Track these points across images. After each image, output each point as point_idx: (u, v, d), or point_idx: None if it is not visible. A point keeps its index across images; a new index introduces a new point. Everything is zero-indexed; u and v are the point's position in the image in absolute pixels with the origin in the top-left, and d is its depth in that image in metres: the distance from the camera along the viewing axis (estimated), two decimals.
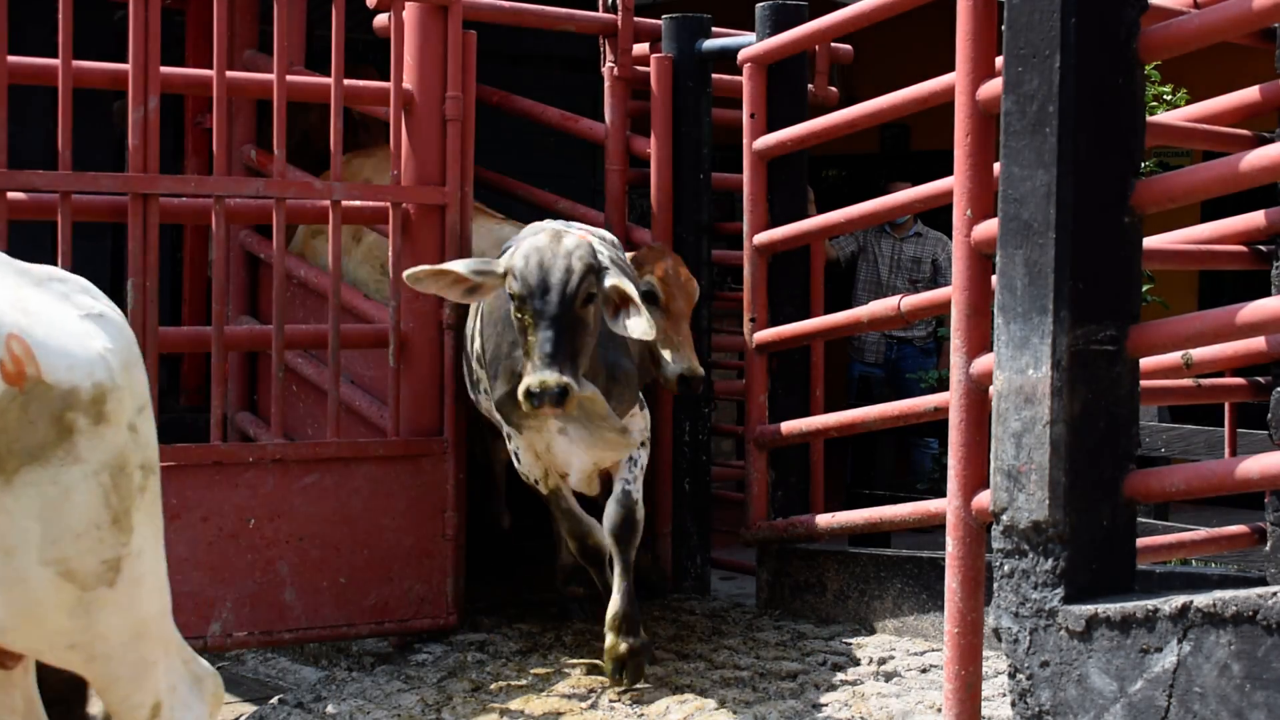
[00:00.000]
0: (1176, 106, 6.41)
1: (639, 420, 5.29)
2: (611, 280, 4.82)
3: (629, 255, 5.62)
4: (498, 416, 5.30)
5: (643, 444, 5.32)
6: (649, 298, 5.49)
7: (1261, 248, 4.96)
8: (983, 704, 3.97)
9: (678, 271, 5.69)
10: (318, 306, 6.17)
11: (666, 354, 5.56)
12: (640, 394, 5.31)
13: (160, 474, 3.24)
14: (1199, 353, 4.95)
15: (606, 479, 5.45)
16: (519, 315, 4.78)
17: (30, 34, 6.08)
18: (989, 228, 3.80)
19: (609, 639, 5.08)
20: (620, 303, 4.83)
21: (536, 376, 4.63)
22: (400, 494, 5.62)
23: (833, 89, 6.68)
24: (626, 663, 5.04)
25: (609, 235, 5.55)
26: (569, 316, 4.72)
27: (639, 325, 4.77)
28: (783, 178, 6.12)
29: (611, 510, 5.20)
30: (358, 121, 7.23)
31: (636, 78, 6.50)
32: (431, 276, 4.90)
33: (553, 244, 4.83)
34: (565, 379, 4.62)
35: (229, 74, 5.47)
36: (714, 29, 6.49)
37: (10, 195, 5.13)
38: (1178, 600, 3.32)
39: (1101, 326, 3.58)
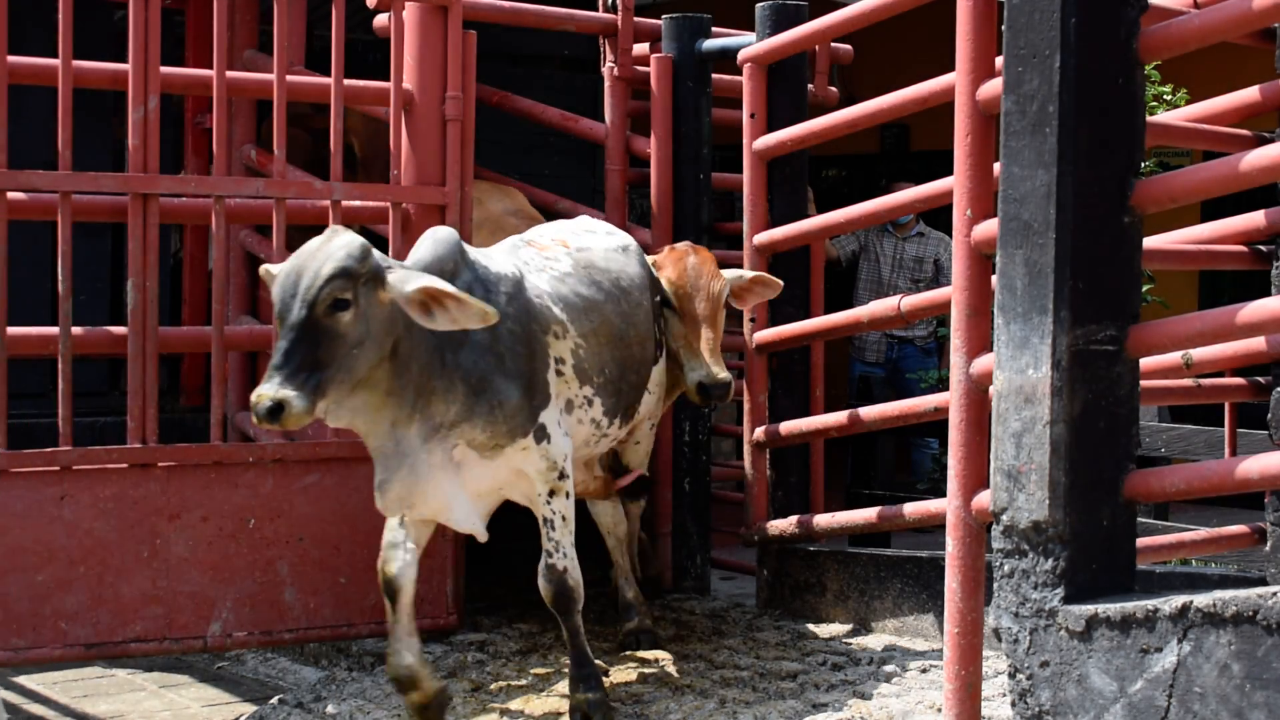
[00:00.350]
0: (1176, 106, 6.41)
1: (534, 456, 4.73)
2: (407, 282, 4.30)
3: (652, 259, 5.55)
4: None
5: (553, 492, 4.79)
6: (667, 303, 5.43)
7: (1261, 248, 4.97)
8: (983, 704, 3.96)
9: (698, 272, 5.44)
10: None
11: (688, 362, 5.39)
12: (553, 423, 4.77)
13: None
14: (1199, 353, 4.95)
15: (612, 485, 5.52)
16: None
17: (31, 34, 6.08)
18: (989, 228, 3.80)
19: (570, 694, 4.92)
20: (431, 302, 4.32)
21: (256, 390, 4.15)
22: None
23: (833, 89, 6.69)
24: (590, 716, 4.85)
25: (617, 233, 5.46)
26: (309, 324, 4.19)
27: (441, 320, 4.31)
28: (783, 178, 6.12)
29: (540, 585, 4.84)
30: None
31: (636, 78, 6.50)
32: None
33: (320, 244, 4.33)
34: (283, 394, 4.08)
35: (229, 74, 5.47)
36: (714, 29, 6.49)
37: (10, 195, 5.13)
38: (1178, 600, 3.31)
39: (1101, 326, 3.58)
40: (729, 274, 5.52)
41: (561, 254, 5.12)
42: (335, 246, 4.30)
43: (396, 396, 4.46)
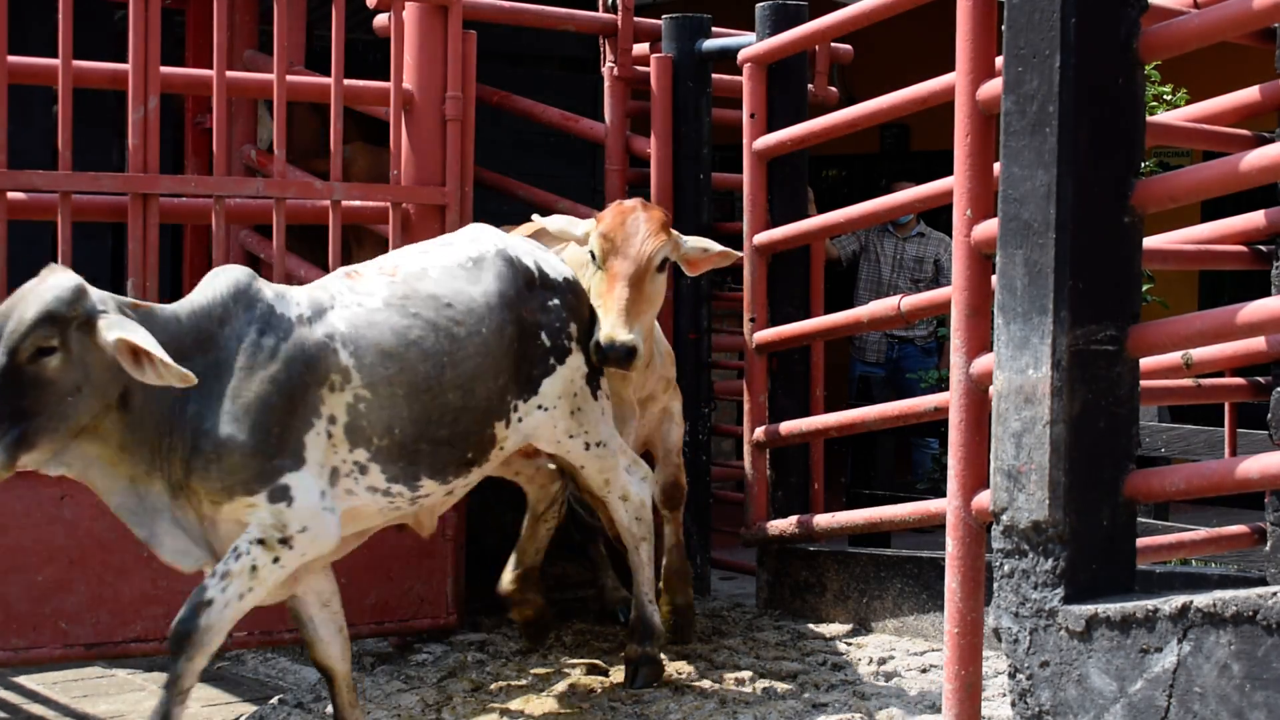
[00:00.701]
0: (1176, 106, 6.41)
1: (262, 513, 4.28)
2: (109, 330, 4.01)
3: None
4: None
5: (264, 542, 4.28)
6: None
7: (1261, 248, 4.96)
8: (983, 704, 3.96)
9: (632, 229, 4.98)
10: None
11: (599, 323, 4.92)
12: (305, 489, 4.32)
13: None
14: (1199, 353, 4.94)
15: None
16: None
17: (32, 35, 6.08)
18: (989, 228, 3.80)
19: None
20: (134, 355, 4.00)
21: None
22: None
23: (833, 89, 6.69)
24: None
25: (482, 240, 4.87)
26: (9, 371, 3.94)
27: (149, 374, 4.01)
28: (783, 178, 6.12)
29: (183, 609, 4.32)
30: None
31: (636, 78, 6.50)
32: None
33: (31, 286, 4.06)
34: None
35: (229, 74, 5.47)
36: (714, 29, 6.49)
37: (10, 195, 5.13)
38: (1178, 600, 3.31)
39: (1101, 326, 3.58)
40: (691, 242, 5.18)
41: (380, 285, 4.60)
42: (45, 289, 4.02)
43: (131, 451, 4.18)
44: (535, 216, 5.29)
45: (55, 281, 4.04)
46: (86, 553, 5.14)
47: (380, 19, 5.95)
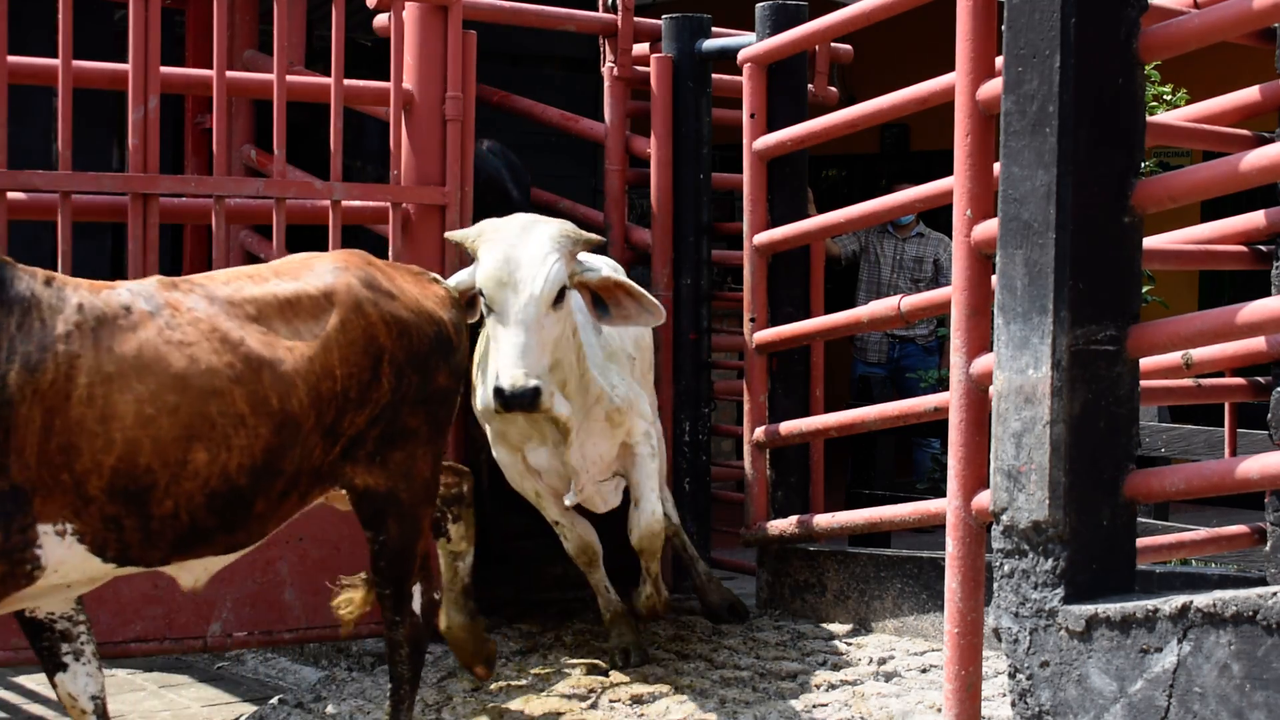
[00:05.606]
0: (1176, 106, 6.41)
1: None
2: None
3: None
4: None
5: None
6: None
7: (1261, 248, 4.96)
8: (983, 704, 3.97)
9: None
10: None
11: None
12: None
13: None
14: (1199, 353, 4.95)
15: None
16: None
17: (31, 34, 6.08)
18: (989, 228, 3.80)
19: None
20: None
21: None
22: None
23: (833, 89, 6.69)
24: None
25: None
26: None
27: None
28: (783, 178, 6.12)
29: None
30: None
31: (636, 78, 6.50)
32: None
33: None
34: None
35: (229, 74, 5.47)
36: (714, 29, 6.49)
37: (10, 195, 5.13)
38: (1178, 600, 3.31)
39: (1101, 326, 3.58)
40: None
41: None
42: None
43: None
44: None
45: None
46: None
47: (380, 19, 5.95)
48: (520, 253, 4.67)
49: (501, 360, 4.61)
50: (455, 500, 4.98)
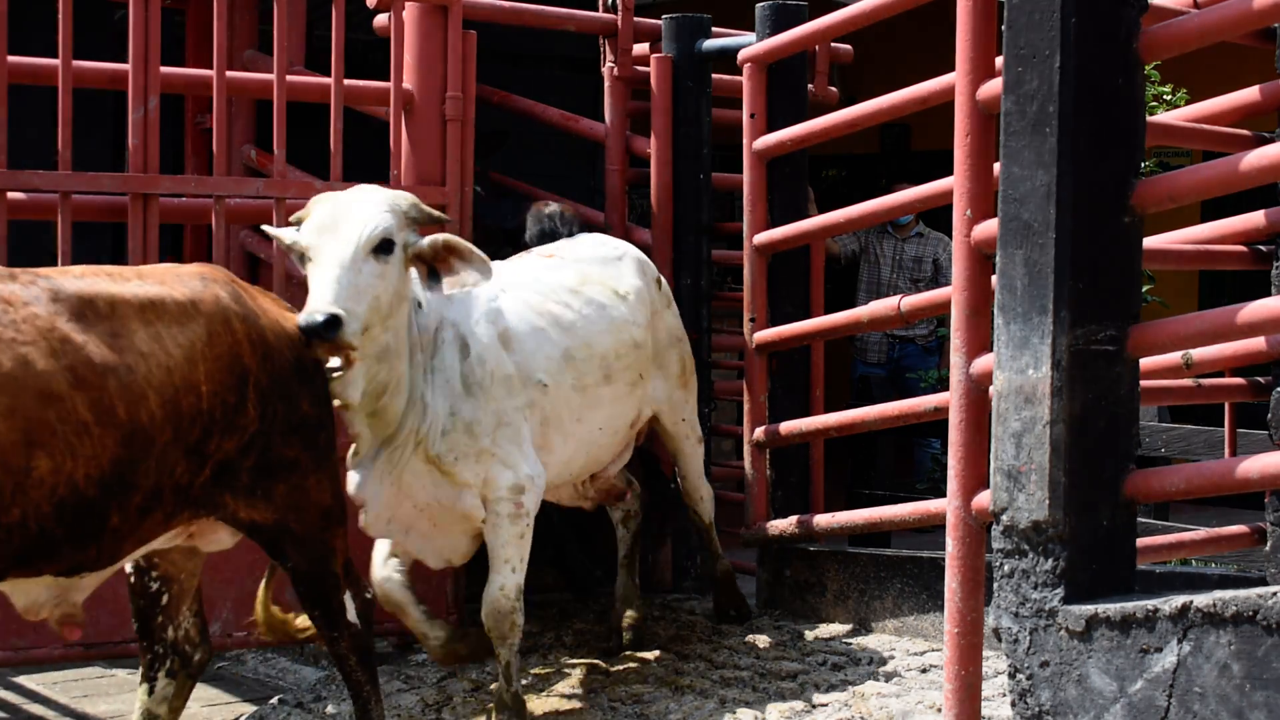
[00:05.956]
0: (1176, 106, 6.41)
1: None
2: None
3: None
4: None
5: None
6: None
7: (1261, 248, 4.96)
8: (983, 704, 3.97)
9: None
10: None
11: None
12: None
13: None
14: (1199, 353, 4.94)
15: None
16: None
17: (33, 35, 6.08)
18: (989, 228, 3.80)
19: None
20: None
21: None
22: None
23: (833, 89, 6.69)
24: None
25: None
26: None
27: None
28: (783, 178, 6.12)
29: None
30: None
31: (636, 78, 6.50)
32: None
33: None
34: None
35: (229, 74, 5.47)
36: (714, 29, 6.49)
37: (10, 195, 5.13)
38: (1178, 600, 3.31)
39: (1101, 326, 3.58)
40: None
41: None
42: None
43: None
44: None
45: None
46: None
47: (380, 19, 5.95)
48: (349, 208, 4.40)
49: (310, 298, 4.27)
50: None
